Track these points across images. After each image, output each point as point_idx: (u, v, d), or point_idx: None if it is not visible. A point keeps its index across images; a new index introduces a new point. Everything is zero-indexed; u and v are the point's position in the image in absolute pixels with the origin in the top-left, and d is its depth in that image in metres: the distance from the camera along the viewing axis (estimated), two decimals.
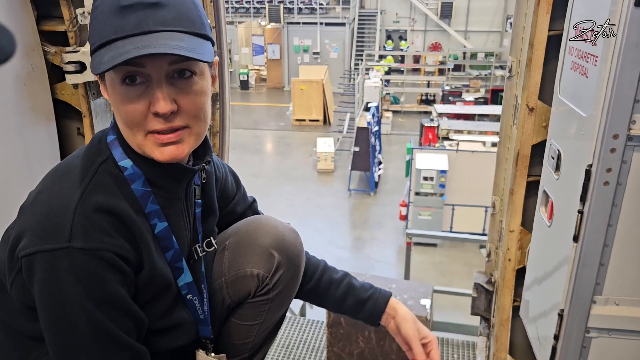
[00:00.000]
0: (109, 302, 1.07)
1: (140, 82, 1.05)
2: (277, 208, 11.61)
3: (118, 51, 1.00)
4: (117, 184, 1.12)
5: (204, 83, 1.12)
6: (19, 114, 2.08)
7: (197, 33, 1.08)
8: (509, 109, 2.41)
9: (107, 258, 1.05)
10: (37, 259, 1.03)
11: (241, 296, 1.43)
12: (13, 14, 2.01)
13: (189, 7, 1.08)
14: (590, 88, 1.61)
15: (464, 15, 23.98)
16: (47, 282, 1.03)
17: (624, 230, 1.64)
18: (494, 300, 2.53)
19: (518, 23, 2.28)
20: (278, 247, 1.41)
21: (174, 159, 1.11)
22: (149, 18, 1.02)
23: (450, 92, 18.57)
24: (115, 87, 1.06)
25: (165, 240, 1.20)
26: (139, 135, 1.09)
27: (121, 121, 1.10)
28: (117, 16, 1.02)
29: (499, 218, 2.56)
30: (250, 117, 19.27)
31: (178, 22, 1.05)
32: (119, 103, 1.07)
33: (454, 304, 6.82)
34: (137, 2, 1.02)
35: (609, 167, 1.56)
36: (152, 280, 1.16)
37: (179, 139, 1.10)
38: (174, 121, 1.08)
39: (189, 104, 1.09)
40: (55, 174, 1.14)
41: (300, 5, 22.59)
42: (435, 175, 10.25)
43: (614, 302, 1.72)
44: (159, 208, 1.17)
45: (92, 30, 1.07)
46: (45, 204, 1.07)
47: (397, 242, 10.62)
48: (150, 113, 1.06)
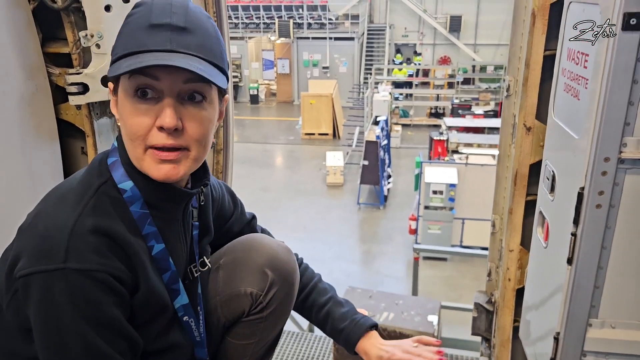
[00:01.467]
0: (104, 324, 1.07)
1: (151, 98, 1.09)
2: (286, 222, 11.62)
3: (138, 60, 1.05)
4: (115, 206, 1.13)
5: (212, 111, 1.16)
6: (23, 133, 2.12)
7: (215, 64, 1.12)
8: (508, 128, 2.42)
9: (102, 279, 1.06)
10: (33, 279, 1.04)
11: (235, 315, 1.45)
12: (18, 36, 2.06)
13: (213, 40, 1.13)
14: (582, 110, 1.61)
15: (473, 28, 24.01)
16: (43, 303, 1.05)
17: (618, 252, 1.63)
18: (495, 320, 2.51)
19: (515, 43, 2.29)
20: (271, 265, 1.42)
21: (168, 179, 1.13)
22: (173, 39, 1.07)
23: (459, 105, 18.53)
24: (127, 98, 1.10)
25: (162, 262, 1.21)
26: (139, 149, 1.11)
27: (125, 133, 1.13)
28: (145, 32, 1.07)
29: (499, 237, 2.55)
30: (260, 131, 19.37)
31: (200, 50, 1.10)
32: (127, 114, 1.11)
33: (462, 320, 6.74)
34: (167, 23, 1.07)
35: (601, 190, 1.55)
36: (148, 302, 1.17)
37: (177, 158, 1.12)
38: (177, 139, 1.10)
39: (193, 127, 1.11)
40: (53, 196, 1.16)
41: (310, 20, 22.76)
42: (444, 189, 10.20)
43: (610, 325, 1.70)
44: (156, 230, 1.19)
45: (118, 42, 1.12)
46: (42, 226, 1.08)
47: (407, 257, 10.55)
48: (155, 127, 1.09)
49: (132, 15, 1.13)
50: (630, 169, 1.54)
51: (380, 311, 4.52)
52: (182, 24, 1.08)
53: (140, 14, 1.11)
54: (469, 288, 9.25)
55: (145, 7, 1.11)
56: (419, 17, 24.33)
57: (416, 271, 6.65)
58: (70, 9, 2.10)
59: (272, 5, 23.36)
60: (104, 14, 2.09)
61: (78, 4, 2.08)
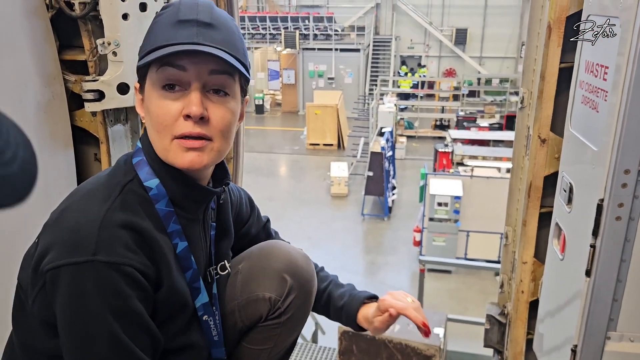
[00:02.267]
0: (129, 317, 1.08)
1: (178, 90, 1.13)
2: (291, 232, 11.60)
3: (166, 51, 1.10)
4: (142, 204, 1.16)
5: (235, 105, 1.20)
6: (39, 140, 2.14)
7: (239, 59, 1.17)
8: (521, 140, 2.42)
9: (128, 273, 1.07)
10: (62, 271, 1.05)
11: (253, 320, 1.45)
12: (36, 44, 2.08)
13: (237, 37, 1.19)
14: (601, 122, 1.61)
15: (479, 41, 24.11)
16: (71, 295, 1.05)
17: (637, 265, 1.61)
18: (507, 332, 2.49)
19: (529, 55, 2.30)
20: (290, 271, 1.43)
21: (193, 166, 1.16)
22: (200, 33, 1.12)
23: (464, 117, 18.54)
24: (154, 91, 1.14)
25: (185, 260, 1.22)
26: (166, 139, 1.15)
27: (152, 125, 1.17)
28: (172, 28, 1.13)
29: (512, 249, 2.54)
30: (265, 141, 19.42)
31: (225, 44, 1.15)
32: (154, 106, 1.14)
33: (468, 333, 6.70)
34: (193, 19, 1.13)
35: (621, 202, 1.55)
36: (170, 299, 1.18)
37: (201, 147, 1.15)
38: (202, 128, 1.14)
39: (218, 117, 1.15)
40: (79, 193, 1.17)
41: (316, 31, 22.90)
42: (449, 201, 10.18)
43: (628, 338, 1.69)
44: (180, 228, 1.21)
45: (146, 39, 1.18)
46: (72, 220, 1.09)
47: (411, 268, 10.51)
48: (182, 116, 1.13)
49: (159, 15, 1.19)
50: None
51: None
52: (208, 20, 1.14)
53: (168, 13, 1.17)
54: (474, 301, 9.19)
55: (173, 7, 1.17)
56: (425, 29, 24.45)
57: (422, 283, 6.63)
58: (88, 17, 2.12)
59: (279, 16, 23.53)
60: (121, 22, 2.11)
61: (96, 12, 2.11)
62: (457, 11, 23.99)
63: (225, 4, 2.86)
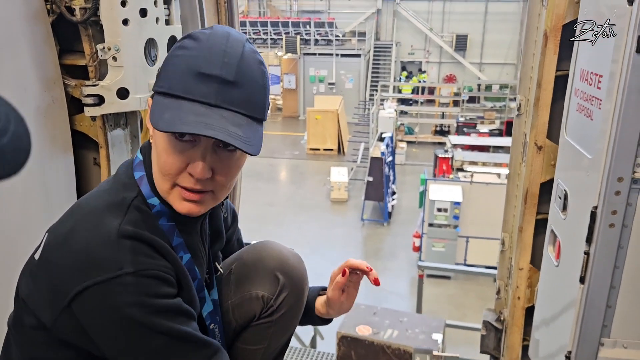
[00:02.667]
0: (172, 310, 1.11)
1: (188, 140, 1.10)
2: (290, 237, 11.60)
3: (180, 115, 1.05)
4: (147, 220, 1.16)
5: (242, 159, 1.19)
6: (38, 144, 2.15)
7: (255, 117, 1.13)
8: (518, 147, 2.43)
9: (157, 275, 1.10)
10: (90, 292, 1.05)
11: (246, 319, 1.46)
12: (37, 49, 2.10)
13: (259, 90, 1.14)
14: (595, 130, 1.63)
15: (479, 47, 24.18)
16: (108, 312, 1.06)
17: (630, 272, 1.63)
18: (503, 338, 2.50)
19: (526, 63, 2.32)
20: (282, 269, 1.44)
21: (189, 214, 1.17)
22: (219, 94, 1.07)
23: (464, 123, 18.57)
24: (164, 136, 1.12)
25: (191, 272, 1.24)
26: (168, 184, 1.15)
27: (156, 165, 1.16)
28: (192, 78, 1.07)
29: (508, 255, 2.55)
30: (265, 146, 18.96)
31: (244, 105, 1.10)
32: (161, 149, 1.13)
33: (467, 339, 6.70)
34: (216, 75, 1.07)
35: (614, 210, 1.56)
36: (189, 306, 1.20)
37: (200, 200, 1.15)
38: (204, 185, 1.14)
39: (223, 175, 1.15)
40: (85, 211, 1.16)
41: (317, 36, 22.97)
42: (449, 206, 10.18)
43: (622, 345, 1.70)
44: (183, 241, 1.23)
45: (164, 73, 1.12)
46: (83, 242, 1.08)
47: (411, 274, 10.50)
48: (186, 171, 1.12)
49: (184, 48, 1.11)
50: None
51: (384, 328, 4.49)
52: (231, 78, 1.08)
53: (192, 55, 1.09)
54: (473, 307, 9.18)
55: (200, 48, 1.09)
56: (425, 35, 24.53)
57: (421, 289, 6.63)
58: (88, 22, 2.14)
59: (280, 22, 23.61)
60: (121, 28, 2.12)
61: (96, 17, 2.12)
62: (458, 17, 24.07)
63: (226, 11, 2.89)
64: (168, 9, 2.35)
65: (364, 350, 4.36)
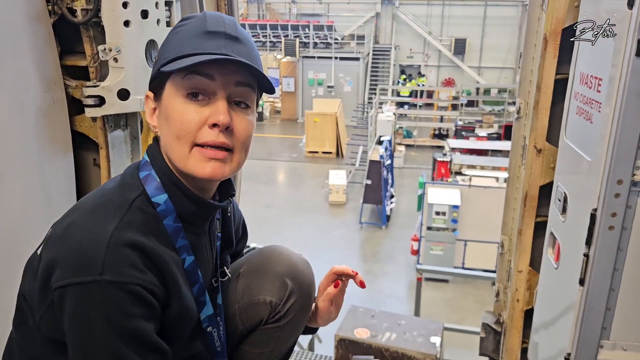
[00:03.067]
0: (135, 336, 1.08)
1: (202, 99, 1.14)
2: (288, 239, 11.59)
3: (198, 58, 1.10)
4: (150, 221, 1.15)
5: (253, 118, 1.22)
6: (39, 145, 2.15)
7: (260, 72, 1.18)
8: (518, 150, 2.44)
9: (136, 292, 1.07)
10: (69, 291, 1.05)
11: (253, 323, 1.46)
12: (38, 50, 2.10)
13: (257, 53, 1.22)
14: (595, 133, 1.64)
15: (478, 51, 24.24)
16: (78, 315, 1.05)
17: (630, 274, 1.64)
18: (502, 341, 2.50)
19: (526, 66, 2.33)
20: (291, 275, 1.45)
21: (214, 177, 1.16)
22: (228, 46, 1.14)
23: (463, 127, 18.61)
24: (177, 98, 1.14)
25: (192, 275, 1.23)
26: (186, 147, 1.14)
27: (171, 134, 1.15)
28: (200, 38, 1.13)
29: (507, 258, 2.56)
30: (264, 148, 19.44)
31: (250, 58, 1.16)
32: (176, 113, 1.14)
33: (465, 342, 6.70)
34: (221, 31, 1.15)
35: (614, 212, 1.57)
36: (179, 317, 1.19)
37: (224, 158, 1.15)
38: (227, 138, 1.14)
39: (241, 128, 1.17)
40: (86, 208, 1.15)
41: (316, 39, 23.01)
42: (447, 210, 10.20)
43: (621, 347, 1.70)
44: (188, 243, 1.21)
45: (167, 47, 1.18)
46: (78, 238, 1.08)
47: (409, 277, 10.51)
48: (207, 125, 1.13)
49: (183, 25, 1.19)
50: None
51: (382, 331, 4.50)
52: (235, 34, 1.16)
53: (193, 24, 1.17)
54: (471, 310, 9.19)
55: (198, 19, 1.18)
56: (424, 39, 24.58)
57: (419, 292, 6.63)
58: (89, 23, 2.14)
59: (279, 24, 23.64)
60: (123, 29, 2.13)
61: (97, 18, 2.12)
62: (456, 21, 24.14)
63: (226, 12, 2.90)
64: (169, 11, 2.36)
65: (362, 353, 4.36)
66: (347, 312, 4.85)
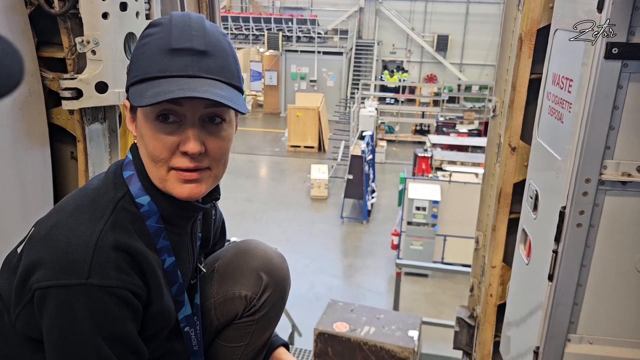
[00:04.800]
0: (118, 339, 1.08)
1: (173, 121, 1.11)
2: (270, 234, 11.60)
3: (162, 89, 1.06)
4: (133, 222, 1.15)
5: (230, 131, 1.19)
6: (15, 137, 2.13)
7: (233, 85, 1.15)
8: (493, 147, 2.48)
9: (122, 295, 1.07)
10: (52, 292, 1.04)
11: (229, 317, 1.47)
12: (14, 40, 2.06)
13: (230, 60, 1.16)
14: (565, 133, 1.68)
15: (460, 48, 24.42)
16: (60, 317, 1.05)
17: (597, 270, 1.68)
18: (476, 335, 2.55)
19: (502, 65, 2.37)
20: (266, 269, 1.46)
21: (191, 197, 1.15)
22: (195, 64, 1.09)
23: (444, 123, 18.77)
24: (148, 122, 1.11)
25: (172, 275, 1.24)
26: (162, 170, 1.13)
27: (147, 155, 1.14)
28: (165, 57, 1.09)
29: (482, 253, 2.61)
30: (246, 142, 19.36)
31: (220, 72, 1.12)
32: (149, 137, 1.12)
33: (443, 336, 6.79)
34: (187, 48, 1.09)
35: (582, 210, 1.62)
36: (158, 317, 1.19)
37: (200, 177, 1.15)
38: (200, 162, 1.13)
39: (215, 148, 1.14)
40: (70, 208, 1.15)
41: (299, 33, 22.93)
42: (427, 205, 10.30)
43: (588, 340, 1.75)
44: (169, 244, 1.22)
45: (136, 63, 1.13)
46: (63, 239, 1.08)
47: (389, 272, 10.60)
48: (179, 151, 1.11)
49: (149, 35, 1.13)
50: (610, 191, 1.61)
51: (361, 325, 4.54)
52: (202, 48, 1.10)
53: (159, 36, 1.11)
54: (449, 305, 9.30)
55: (164, 29, 1.12)
56: (407, 35, 24.68)
57: (398, 286, 6.70)
58: (67, 14, 2.12)
59: (262, 18, 23.50)
60: (100, 21, 2.11)
61: (75, 10, 2.10)
62: (439, 18, 24.27)
63: (207, 6, 2.89)
64: (149, 4, 2.34)
65: (341, 347, 4.39)
66: (327, 306, 4.88)
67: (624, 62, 1.48)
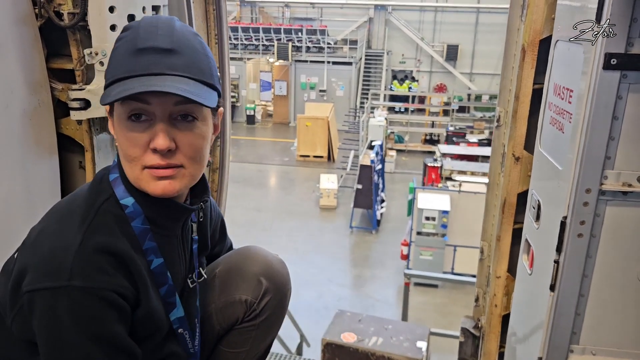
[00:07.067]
0: (106, 340, 1.10)
1: (145, 120, 1.12)
2: (278, 243, 11.60)
3: (125, 87, 1.08)
4: (118, 223, 1.17)
5: (205, 129, 1.19)
6: (24, 147, 2.16)
7: (204, 81, 1.15)
8: (497, 157, 2.48)
9: (106, 297, 1.09)
10: (38, 295, 1.07)
11: (230, 322, 1.49)
12: (24, 52, 2.12)
13: (201, 57, 1.16)
14: (566, 143, 1.68)
15: (469, 58, 24.40)
16: (46, 319, 1.07)
17: (599, 281, 1.68)
18: (481, 345, 2.54)
19: (505, 76, 2.38)
20: (266, 274, 1.47)
21: (165, 194, 1.16)
22: (159, 62, 1.10)
23: (454, 132, 18.72)
24: (121, 122, 1.13)
25: (160, 276, 1.25)
26: (136, 168, 1.15)
27: (122, 154, 1.16)
28: (131, 58, 1.10)
29: (487, 263, 2.60)
30: (256, 152, 19.45)
31: (187, 69, 1.12)
32: (122, 137, 1.14)
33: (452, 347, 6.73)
34: (152, 47, 1.10)
35: (583, 220, 1.61)
36: (147, 318, 1.20)
37: (173, 175, 1.15)
38: (171, 159, 1.14)
39: (187, 145, 1.15)
40: (57, 213, 1.18)
41: (309, 44, 23.07)
42: (437, 215, 10.26)
43: (590, 351, 1.74)
44: (155, 245, 1.23)
45: (108, 67, 1.16)
46: (47, 244, 1.11)
47: (398, 282, 10.54)
48: (149, 149, 1.12)
49: (119, 40, 1.16)
50: (611, 201, 1.60)
51: (369, 335, 4.52)
52: (167, 46, 1.11)
53: (127, 39, 1.14)
54: (459, 315, 9.13)
55: (132, 32, 1.14)
56: (417, 44, 24.71)
57: (406, 296, 6.67)
58: (76, 27, 2.16)
59: (272, 28, 23.68)
60: (109, 33, 2.15)
61: (84, 22, 2.14)
62: (449, 27, 24.29)
63: (215, 17, 2.93)
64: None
65: (349, 358, 4.38)
66: (334, 316, 4.87)
67: (622, 72, 1.49)
